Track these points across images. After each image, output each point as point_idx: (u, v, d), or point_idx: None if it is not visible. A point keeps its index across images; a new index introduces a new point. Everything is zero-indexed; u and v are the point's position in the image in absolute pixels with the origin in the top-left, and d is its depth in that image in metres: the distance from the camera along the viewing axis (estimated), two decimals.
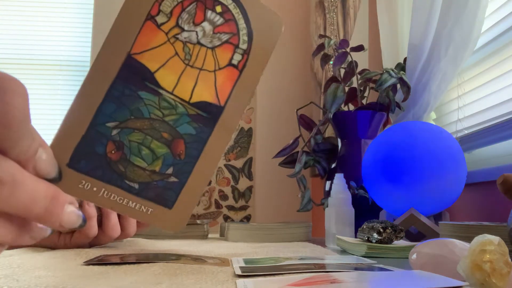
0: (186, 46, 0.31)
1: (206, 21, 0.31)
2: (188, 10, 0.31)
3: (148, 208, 0.31)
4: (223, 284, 0.38)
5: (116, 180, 0.30)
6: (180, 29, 0.31)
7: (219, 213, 2.50)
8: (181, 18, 0.31)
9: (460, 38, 1.12)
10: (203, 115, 0.31)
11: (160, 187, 0.31)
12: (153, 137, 0.30)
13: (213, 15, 0.31)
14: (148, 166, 0.31)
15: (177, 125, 0.31)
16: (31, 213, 0.25)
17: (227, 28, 0.31)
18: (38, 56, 2.58)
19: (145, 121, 0.30)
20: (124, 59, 0.30)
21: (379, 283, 0.39)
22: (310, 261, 0.54)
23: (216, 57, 0.31)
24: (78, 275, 0.42)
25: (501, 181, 0.57)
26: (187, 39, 0.31)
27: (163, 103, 0.30)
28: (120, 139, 0.30)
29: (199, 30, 0.31)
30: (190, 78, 0.31)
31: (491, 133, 1.05)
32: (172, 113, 0.31)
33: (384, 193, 0.97)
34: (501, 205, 0.95)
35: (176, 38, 0.31)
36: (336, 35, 2.05)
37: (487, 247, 0.33)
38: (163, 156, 0.31)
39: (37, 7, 2.61)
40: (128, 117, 0.30)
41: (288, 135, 1.97)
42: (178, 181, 0.31)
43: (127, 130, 0.30)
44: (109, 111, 0.30)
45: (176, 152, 0.31)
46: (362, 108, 1.19)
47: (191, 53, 0.31)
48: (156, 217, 0.31)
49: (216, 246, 0.77)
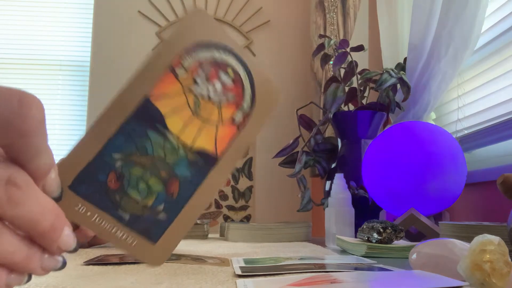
0: (197, 99, 0.34)
1: (218, 80, 0.35)
2: (204, 68, 0.35)
3: (133, 240, 0.32)
4: (223, 284, 0.38)
5: (110, 208, 0.32)
6: (194, 83, 0.34)
7: (219, 213, 2.50)
8: (198, 75, 0.35)
9: (460, 38, 1.12)
10: (200, 161, 0.34)
11: (149, 221, 0.33)
12: (152, 173, 0.33)
13: (225, 77, 0.35)
14: (142, 200, 0.33)
15: (176, 166, 0.33)
16: (38, 225, 0.26)
17: (235, 89, 0.35)
18: (38, 56, 2.58)
19: (148, 158, 0.33)
20: (141, 100, 0.33)
21: (379, 283, 0.39)
22: (310, 261, 0.54)
23: (220, 113, 0.35)
24: (78, 275, 0.42)
25: (501, 181, 0.57)
26: (198, 93, 0.34)
27: (167, 145, 0.33)
28: (122, 171, 0.32)
29: (210, 87, 0.35)
30: (195, 127, 0.34)
31: (491, 133, 1.05)
32: (174, 154, 0.33)
33: (384, 193, 0.97)
34: (501, 205, 0.95)
35: (190, 90, 0.34)
36: (336, 35, 2.05)
37: (487, 247, 0.33)
38: (157, 193, 0.33)
39: (37, 7, 2.61)
40: (134, 152, 0.33)
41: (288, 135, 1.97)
42: (166, 218, 0.33)
43: (130, 163, 0.33)
44: (118, 143, 0.32)
45: (170, 191, 0.33)
46: (362, 108, 1.19)
47: (200, 106, 0.34)
48: (139, 250, 0.32)
49: (216, 246, 0.77)
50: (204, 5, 2.59)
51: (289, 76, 2.62)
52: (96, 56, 2.54)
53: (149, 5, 2.58)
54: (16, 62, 2.57)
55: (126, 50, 2.55)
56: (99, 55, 2.54)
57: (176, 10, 2.59)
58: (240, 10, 2.59)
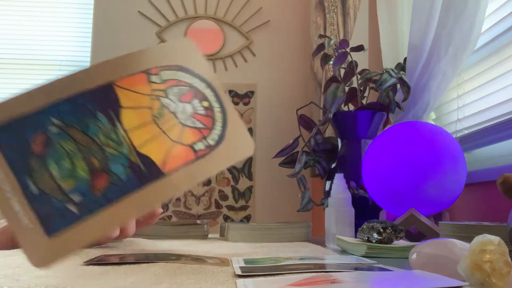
0: (162, 109, 0.32)
1: (190, 104, 0.33)
2: (181, 87, 0.33)
3: (29, 223, 0.27)
4: (223, 284, 0.38)
5: (21, 171, 0.27)
6: (165, 95, 0.32)
7: (219, 213, 2.50)
8: (172, 89, 0.33)
9: (460, 38, 1.12)
10: (141, 168, 0.30)
11: (56, 207, 0.28)
12: (84, 157, 0.29)
13: (198, 105, 0.33)
14: (59, 179, 0.28)
15: (112, 161, 0.29)
16: None
17: (205, 120, 0.33)
18: (38, 56, 2.58)
19: (86, 138, 0.29)
20: (105, 82, 0.31)
21: (379, 283, 0.39)
22: (310, 261, 0.54)
23: (182, 133, 0.32)
24: (78, 275, 0.42)
25: (501, 181, 0.57)
26: (166, 104, 0.32)
27: (112, 135, 0.30)
28: (52, 138, 0.28)
29: (180, 105, 0.33)
30: (150, 132, 0.31)
31: (491, 133, 1.05)
32: (115, 147, 0.30)
33: (384, 193, 0.97)
34: (501, 205, 0.95)
35: (158, 98, 0.32)
36: (336, 35, 2.05)
37: (487, 247, 0.33)
38: (80, 179, 0.28)
39: (37, 7, 2.61)
40: (74, 124, 0.29)
41: (288, 135, 1.97)
42: (77, 213, 0.28)
43: (65, 135, 0.29)
44: (62, 110, 0.29)
45: (95, 185, 0.29)
46: (362, 108, 1.19)
47: (163, 116, 0.32)
48: (28, 237, 0.27)
49: (216, 246, 0.77)
50: (204, 5, 2.59)
51: (289, 76, 2.62)
52: (96, 56, 2.54)
53: (149, 5, 2.58)
54: (16, 62, 2.57)
55: (126, 50, 2.54)
56: (99, 55, 2.54)
57: (176, 10, 2.59)
58: (240, 10, 2.59)
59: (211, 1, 2.60)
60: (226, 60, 2.59)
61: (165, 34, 2.57)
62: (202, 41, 2.57)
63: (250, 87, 2.59)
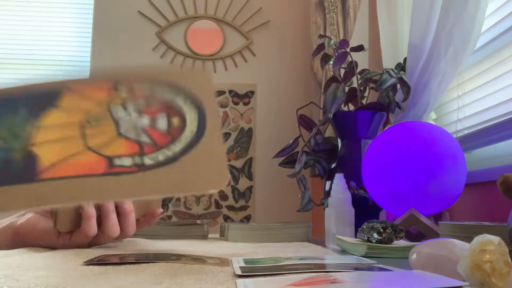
0: (103, 114, 0.28)
1: (151, 118, 0.29)
2: (150, 100, 0.29)
3: None
4: (223, 284, 0.38)
5: None
6: (121, 103, 0.29)
7: (219, 213, 2.50)
8: (137, 100, 0.29)
9: (460, 38, 1.12)
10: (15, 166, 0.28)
11: None
12: None
13: (163, 120, 0.29)
14: None
15: None
16: None
17: (159, 137, 0.29)
18: (38, 56, 2.58)
19: None
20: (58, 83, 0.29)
21: (379, 283, 0.39)
22: (310, 261, 0.54)
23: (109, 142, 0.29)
24: (78, 275, 0.42)
25: (501, 181, 0.57)
26: (113, 111, 0.29)
27: (16, 128, 0.28)
28: None
29: (134, 117, 0.29)
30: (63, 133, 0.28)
31: (491, 133, 1.05)
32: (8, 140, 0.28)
33: (384, 193, 0.97)
34: (501, 205, 0.95)
35: (108, 103, 0.29)
36: (336, 35, 2.05)
37: (487, 247, 0.33)
38: None
39: (37, 7, 2.61)
40: None
41: (288, 135, 1.97)
42: None
43: None
44: None
45: None
46: (362, 108, 1.19)
47: (98, 121, 0.28)
48: None
49: (216, 246, 0.77)
50: (204, 5, 2.59)
51: (289, 76, 2.62)
52: (96, 56, 2.54)
53: (149, 5, 2.58)
54: (16, 62, 2.57)
55: (126, 50, 2.55)
56: (99, 55, 2.54)
57: (176, 10, 2.59)
58: (240, 10, 2.59)
59: (211, 1, 2.60)
60: (226, 60, 2.59)
61: (165, 34, 2.57)
62: (202, 41, 2.57)
63: (250, 87, 2.59)
